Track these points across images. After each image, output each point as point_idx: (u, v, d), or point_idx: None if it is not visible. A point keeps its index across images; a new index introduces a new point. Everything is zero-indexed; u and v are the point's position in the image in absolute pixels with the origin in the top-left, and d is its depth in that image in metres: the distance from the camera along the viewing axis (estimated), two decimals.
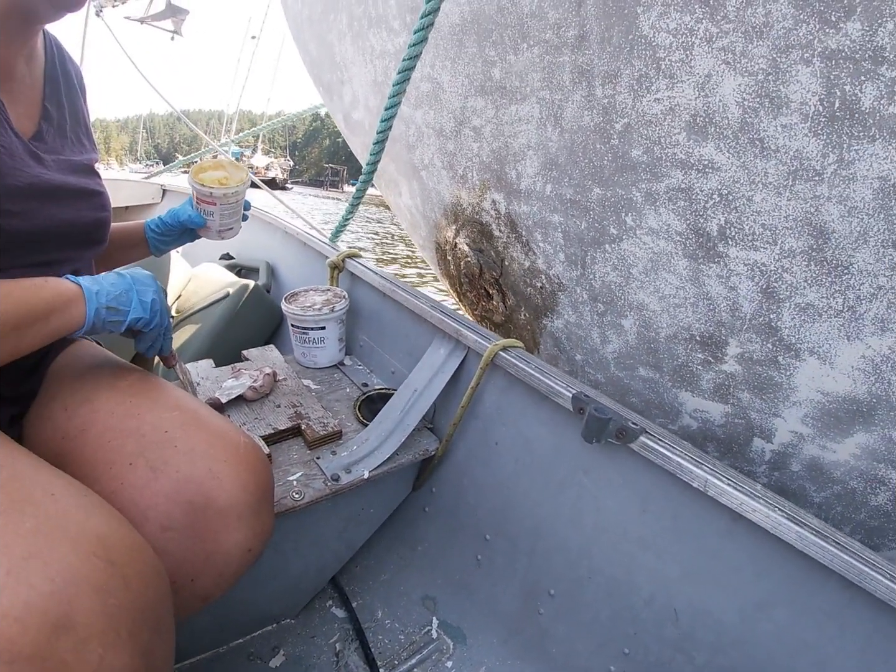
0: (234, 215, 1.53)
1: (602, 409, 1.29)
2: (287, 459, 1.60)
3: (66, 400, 1.24)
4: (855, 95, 1.04)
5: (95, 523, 0.85)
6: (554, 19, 1.41)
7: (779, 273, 1.29)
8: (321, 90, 2.93)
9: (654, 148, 1.35)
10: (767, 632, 1.14)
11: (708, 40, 1.17)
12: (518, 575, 1.64)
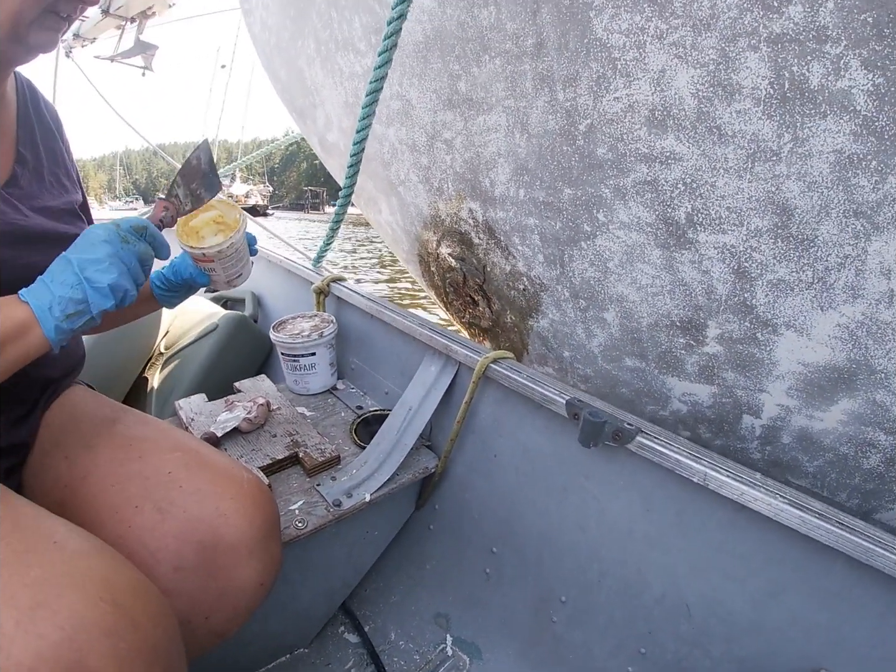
0: (238, 261, 1.42)
1: (596, 412, 1.32)
2: (287, 489, 1.61)
3: (66, 448, 1.25)
4: (803, 75, 1.08)
5: (99, 567, 0.87)
6: (512, 30, 1.46)
7: (748, 253, 1.33)
8: (294, 115, 2.95)
9: (618, 145, 1.39)
10: (780, 618, 1.15)
11: (659, 37, 1.21)
12: (528, 585, 1.65)
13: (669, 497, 1.29)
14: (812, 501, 1.08)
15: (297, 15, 2.24)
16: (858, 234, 1.18)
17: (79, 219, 1.32)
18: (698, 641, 1.28)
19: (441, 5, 1.59)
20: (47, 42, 1.08)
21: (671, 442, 1.24)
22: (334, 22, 2.04)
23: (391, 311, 1.98)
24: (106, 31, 5.29)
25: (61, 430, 1.28)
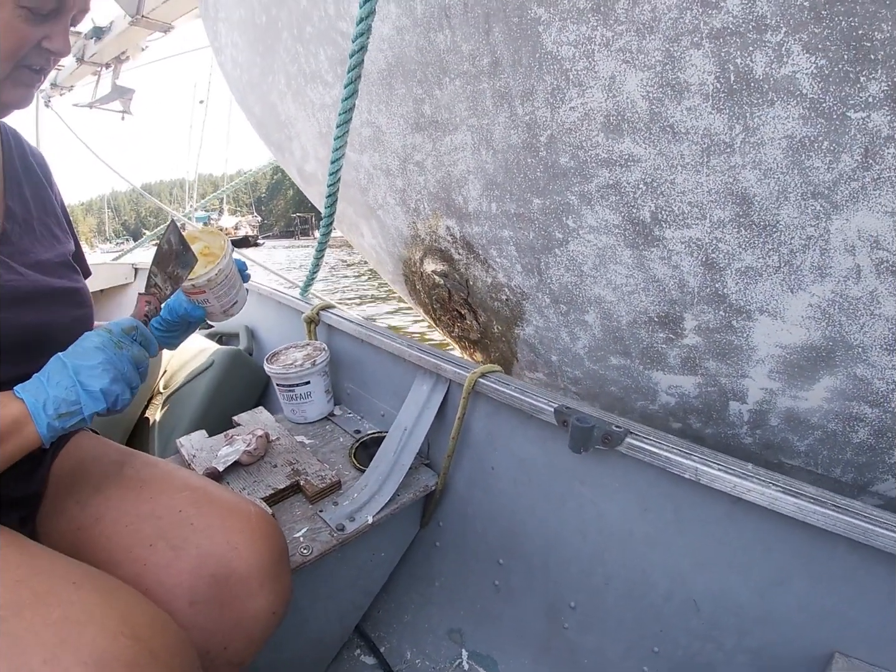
0: (231, 289, 1.42)
1: (584, 418, 1.33)
2: (290, 517, 1.62)
3: (77, 493, 1.27)
4: (747, 66, 1.11)
5: (118, 603, 0.90)
6: (468, 51, 1.50)
7: (714, 244, 1.36)
8: (272, 149, 3.01)
9: (579, 152, 1.43)
10: (788, 606, 1.16)
11: (606, 45, 1.25)
12: (537, 593, 1.66)
13: (665, 495, 1.31)
14: (806, 487, 1.10)
15: (266, 51, 2.29)
16: (819, 214, 1.21)
17: (73, 270, 1.34)
18: (710, 635, 1.29)
19: (399, 32, 1.63)
20: (21, 98, 1.11)
21: (660, 440, 1.26)
22: (301, 56, 2.09)
23: (380, 335, 2.00)
24: (82, 79, 5.35)
25: (71, 476, 1.30)
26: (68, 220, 1.43)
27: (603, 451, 1.35)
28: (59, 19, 1.06)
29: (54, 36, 1.06)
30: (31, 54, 1.05)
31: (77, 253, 1.41)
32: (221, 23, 2.58)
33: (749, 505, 1.14)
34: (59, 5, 1.04)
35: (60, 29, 1.07)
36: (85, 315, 1.33)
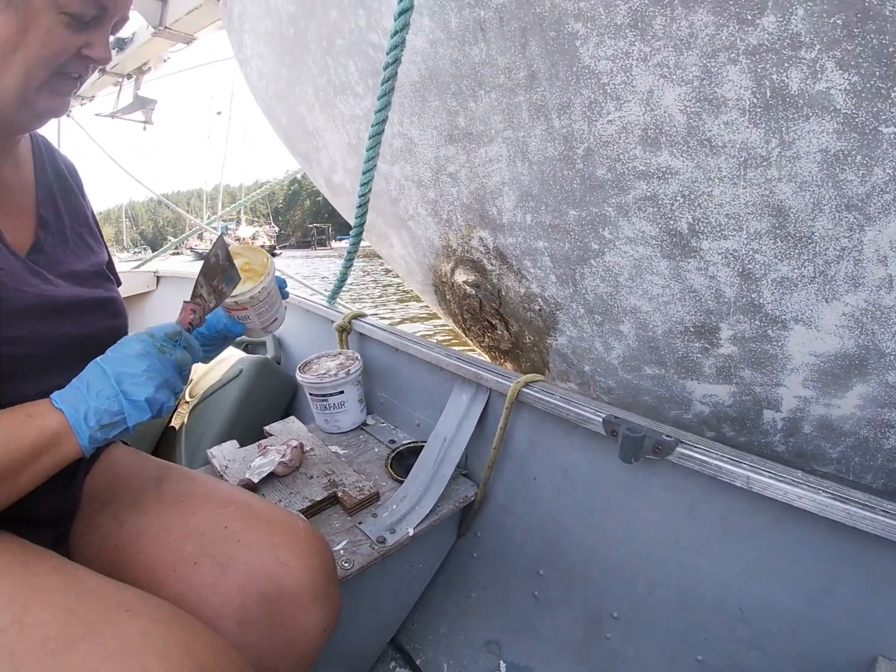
0: (272, 306, 1.41)
1: (635, 427, 1.33)
2: (329, 529, 1.60)
3: (114, 509, 1.25)
4: (783, 82, 1.12)
5: (178, 633, 0.87)
6: (503, 64, 1.51)
7: (750, 255, 1.37)
8: (299, 159, 3.03)
9: (616, 165, 1.44)
10: (836, 612, 1.15)
11: (643, 59, 1.26)
12: (578, 604, 1.63)
13: (713, 504, 1.30)
14: (855, 493, 1.09)
15: (293, 63, 2.31)
16: (852, 226, 1.22)
17: (107, 280, 1.31)
18: (755, 643, 1.28)
19: (433, 45, 1.65)
20: (58, 107, 1.09)
21: (711, 449, 1.25)
22: (330, 68, 2.11)
23: (416, 344, 1.99)
24: (104, 89, 5.38)
25: (106, 491, 1.29)
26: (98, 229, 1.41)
27: (652, 460, 1.35)
28: (100, 27, 1.04)
29: (95, 44, 1.04)
30: (70, 62, 1.03)
31: (109, 262, 1.40)
32: (247, 34, 2.59)
33: (798, 512, 1.13)
34: (101, 12, 1.02)
35: (101, 36, 1.05)
36: (120, 325, 1.31)
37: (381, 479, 1.84)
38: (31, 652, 0.79)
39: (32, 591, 0.88)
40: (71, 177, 1.36)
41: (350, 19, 1.88)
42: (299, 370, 2.16)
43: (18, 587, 0.89)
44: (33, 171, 1.24)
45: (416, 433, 2.11)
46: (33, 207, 1.19)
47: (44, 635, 0.81)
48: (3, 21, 0.94)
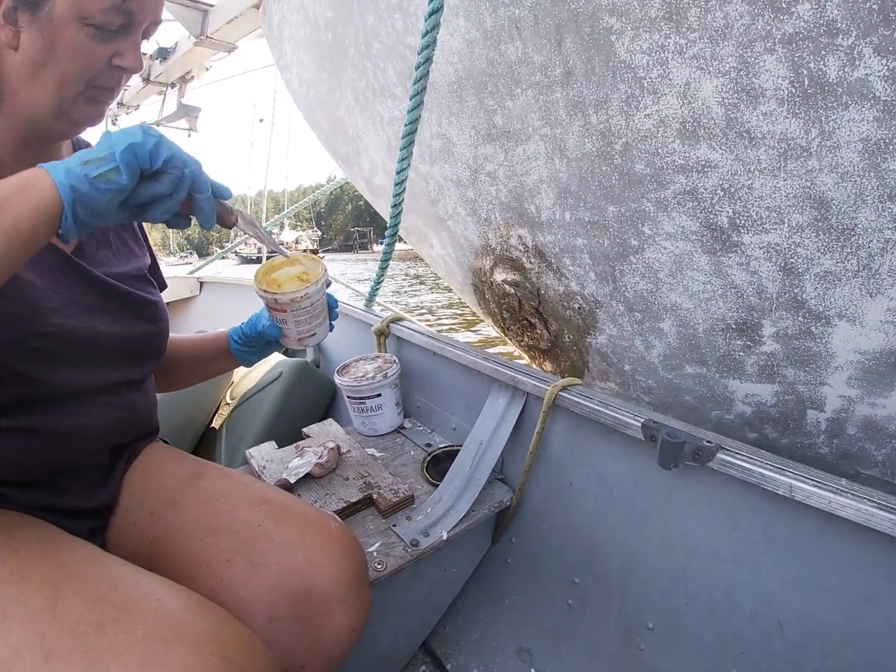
0: (313, 319, 1.38)
1: (674, 433, 1.30)
2: (364, 531, 1.60)
3: (151, 505, 1.25)
4: (820, 70, 1.12)
5: (205, 622, 0.88)
6: (540, 62, 1.52)
7: (792, 249, 1.36)
8: (340, 162, 3.07)
9: (654, 159, 1.44)
10: (877, 626, 1.10)
11: (679, 52, 1.26)
12: (613, 614, 1.60)
13: (755, 512, 1.27)
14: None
15: (333, 68, 2.34)
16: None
17: (149, 284, 1.33)
18: (792, 657, 1.23)
19: (469, 45, 1.66)
20: (93, 115, 1.08)
21: (753, 456, 1.23)
22: (369, 72, 2.14)
23: (454, 348, 1.99)
24: (148, 98, 5.47)
25: (144, 487, 1.30)
26: (143, 233, 1.43)
27: (692, 466, 1.32)
28: (128, 35, 1.02)
29: (125, 52, 1.03)
30: (101, 73, 1.02)
31: (153, 266, 1.42)
32: (286, 41, 2.64)
33: (842, 521, 1.09)
34: (128, 20, 1.00)
35: (131, 45, 1.04)
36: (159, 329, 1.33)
37: (417, 483, 1.84)
38: (62, 635, 0.81)
39: (66, 578, 0.90)
40: None
41: (387, 23, 1.91)
42: (338, 373, 2.18)
43: (52, 573, 0.91)
44: None
45: (453, 437, 2.11)
46: None
47: (75, 619, 0.83)
48: (29, 38, 0.94)
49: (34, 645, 0.80)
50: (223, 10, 3.70)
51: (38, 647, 0.80)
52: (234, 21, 3.60)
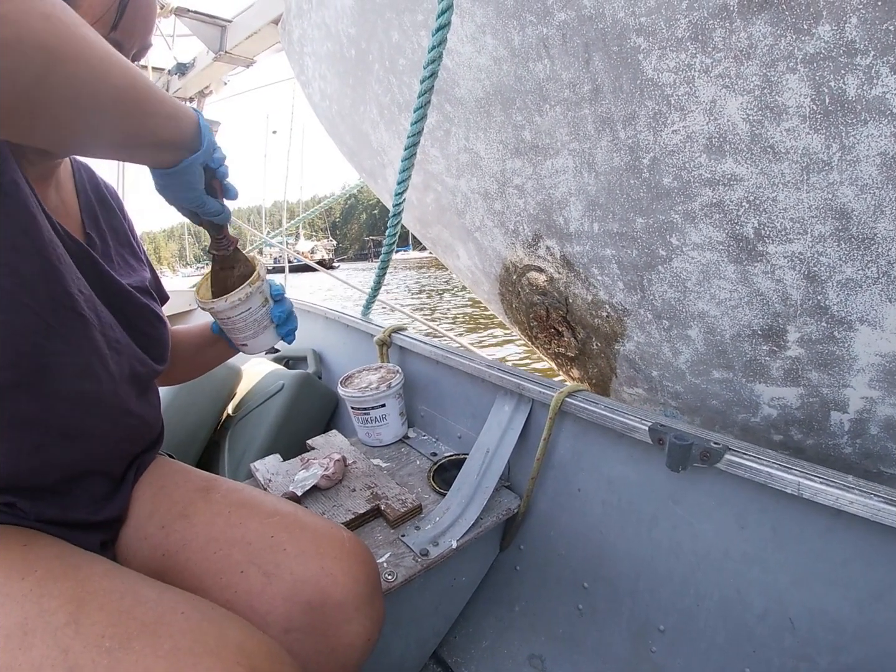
0: (245, 329, 1.39)
1: (682, 435, 1.35)
2: (373, 542, 1.64)
3: (161, 518, 1.28)
4: (840, 88, 1.17)
5: (232, 634, 0.90)
6: (568, 79, 1.57)
7: (815, 258, 1.41)
8: (364, 175, 3.11)
9: (682, 173, 1.49)
10: (888, 620, 1.14)
11: (705, 71, 1.31)
12: (624, 617, 1.64)
13: (763, 511, 1.31)
14: None
15: (357, 83, 2.39)
16: None
17: (150, 296, 1.36)
18: (804, 654, 1.27)
19: (497, 63, 1.71)
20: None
21: (760, 456, 1.26)
22: (394, 87, 2.19)
23: (457, 356, 2.04)
24: None
25: (153, 501, 1.32)
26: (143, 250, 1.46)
27: (700, 468, 1.37)
28: None
29: None
30: None
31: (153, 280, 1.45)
32: (308, 57, 2.67)
33: (850, 517, 1.13)
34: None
35: None
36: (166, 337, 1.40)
37: (424, 492, 1.89)
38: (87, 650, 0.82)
39: (88, 594, 0.91)
40: (112, 199, 1.40)
41: (412, 40, 1.95)
42: (341, 384, 2.22)
43: (74, 589, 0.92)
44: (75, 193, 1.28)
45: (458, 445, 2.15)
46: (80, 228, 1.23)
47: (99, 634, 0.84)
48: None
49: (57, 661, 0.81)
50: (242, 26, 3.76)
51: (62, 662, 0.80)
52: (253, 37, 3.66)
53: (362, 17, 2.10)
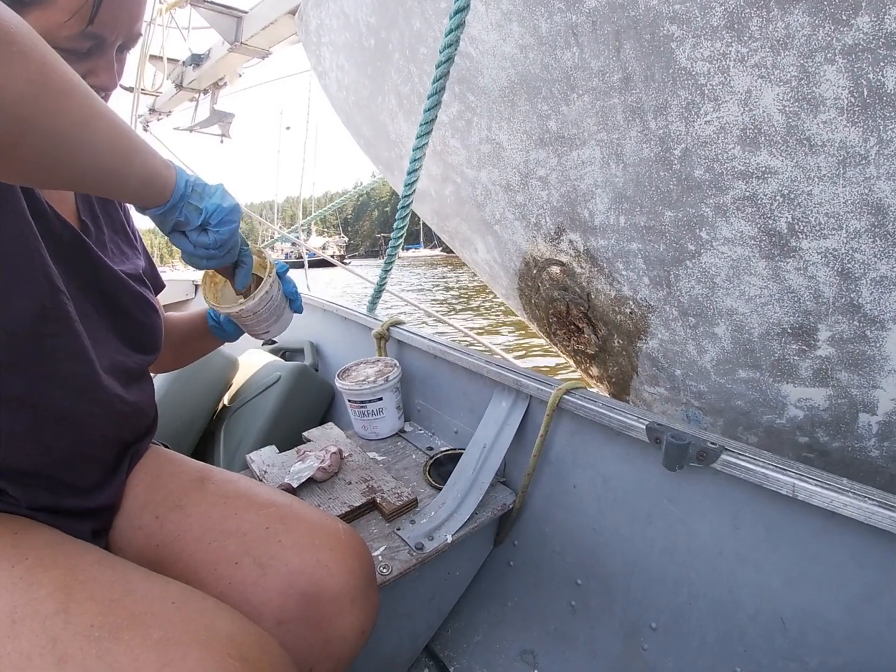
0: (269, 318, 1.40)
1: (679, 434, 1.35)
2: (368, 535, 1.65)
3: (156, 508, 1.29)
4: (879, 81, 1.14)
5: (222, 624, 0.90)
6: (597, 67, 1.55)
7: (850, 254, 1.38)
8: (381, 167, 3.10)
9: (714, 165, 1.46)
10: (878, 622, 1.15)
11: (741, 60, 1.29)
12: (616, 615, 1.65)
13: (758, 512, 1.31)
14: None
15: (375, 73, 2.38)
16: None
17: (143, 284, 1.35)
18: (795, 655, 1.28)
19: (523, 51, 1.69)
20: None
21: (756, 457, 1.27)
22: (414, 76, 2.17)
23: (456, 351, 2.05)
24: (180, 104, 5.53)
25: (147, 491, 1.33)
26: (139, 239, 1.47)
27: (696, 468, 1.37)
28: (101, 55, 1.06)
29: (98, 71, 1.07)
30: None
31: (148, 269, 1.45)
32: (325, 47, 2.67)
33: (844, 520, 1.14)
34: (98, 42, 1.03)
35: (104, 63, 1.07)
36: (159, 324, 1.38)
37: (420, 486, 1.90)
38: (75, 639, 0.82)
39: (78, 582, 0.92)
40: None
41: (434, 28, 1.94)
42: (338, 377, 2.23)
43: (64, 578, 0.92)
44: None
45: (454, 440, 2.16)
46: (76, 215, 1.23)
47: (88, 623, 0.85)
48: None
49: (46, 650, 0.81)
50: (258, 17, 3.75)
51: (50, 651, 0.81)
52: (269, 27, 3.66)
53: (383, 6, 2.09)
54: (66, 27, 0.97)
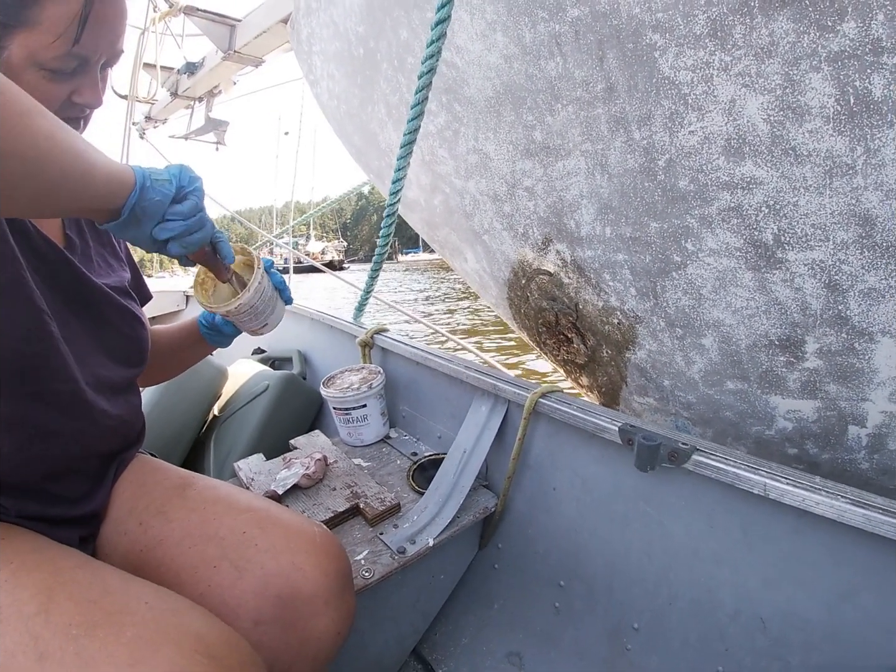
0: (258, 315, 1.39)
1: (650, 435, 1.37)
2: (351, 540, 1.67)
3: (139, 515, 1.31)
4: (866, 88, 1.13)
5: (192, 624, 0.93)
6: (581, 77, 1.53)
7: (837, 266, 1.37)
8: (372, 176, 3.10)
9: (699, 176, 1.45)
10: (856, 619, 1.16)
11: (724, 69, 1.27)
12: (599, 615, 1.66)
13: (732, 512, 1.33)
14: (875, 498, 1.11)
15: (365, 83, 2.36)
16: None
17: (129, 296, 1.37)
18: (775, 653, 1.29)
19: (507, 61, 1.67)
20: None
21: (728, 456, 1.29)
22: (402, 86, 2.16)
23: (437, 357, 2.08)
24: (175, 112, 5.53)
25: (132, 498, 1.35)
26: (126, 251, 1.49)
27: (669, 468, 1.38)
28: (86, 73, 1.08)
29: (83, 89, 1.09)
30: (62, 109, 1.08)
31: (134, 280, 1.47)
32: (316, 56, 2.66)
33: (817, 518, 1.15)
34: (83, 61, 1.05)
35: (89, 82, 1.10)
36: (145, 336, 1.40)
37: (403, 491, 1.91)
38: (55, 637, 0.86)
39: (59, 584, 0.95)
40: None
41: (421, 38, 1.92)
42: (323, 385, 2.26)
43: (46, 580, 0.95)
44: None
45: (438, 445, 2.18)
46: (60, 230, 1.25)
47: (67, 623, 0.88)
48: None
49: (28, 647, 0.85)
50: (251, 25, 3.75)
51: (32, 649, 0.85)
52: (262, 36, 3.66)
53: (371, 15, 2.08)
54: (52, 48, 1.00)
